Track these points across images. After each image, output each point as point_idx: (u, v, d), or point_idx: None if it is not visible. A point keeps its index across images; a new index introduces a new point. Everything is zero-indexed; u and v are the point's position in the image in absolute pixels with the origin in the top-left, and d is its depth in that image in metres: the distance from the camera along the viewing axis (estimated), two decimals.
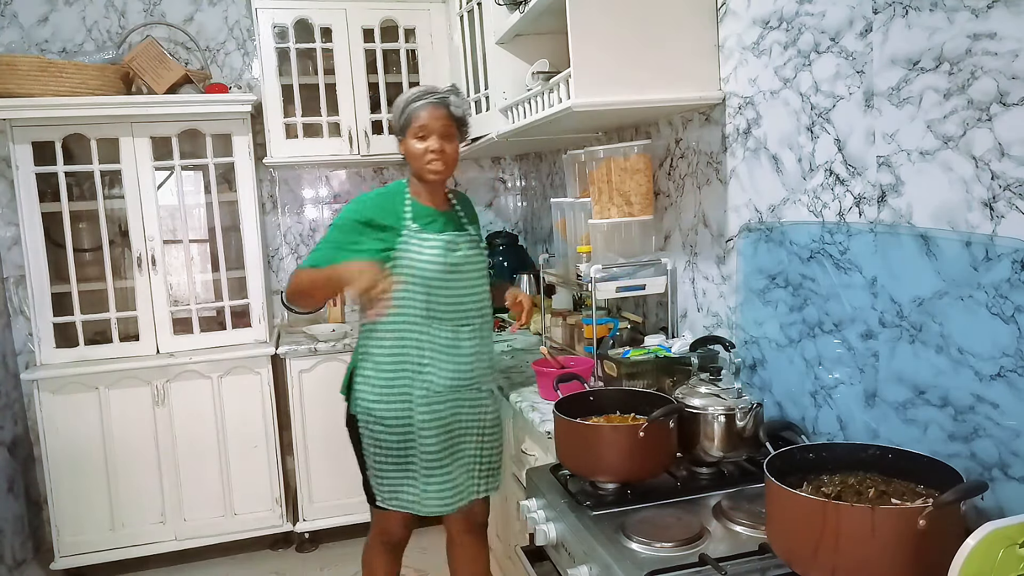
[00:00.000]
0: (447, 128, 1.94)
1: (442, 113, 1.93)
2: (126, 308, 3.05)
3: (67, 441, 2.90)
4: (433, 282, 1.94)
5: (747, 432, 1.49)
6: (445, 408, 1.98)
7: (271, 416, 3.09)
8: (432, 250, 1.94)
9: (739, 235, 1.79)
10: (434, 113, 1.93)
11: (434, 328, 1.96)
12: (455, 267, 1.96)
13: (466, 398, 2.02)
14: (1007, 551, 0.90)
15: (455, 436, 2.02)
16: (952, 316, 1.18)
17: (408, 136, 1.95)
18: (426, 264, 1.93)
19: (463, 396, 2.01)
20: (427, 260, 1.93)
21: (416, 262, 1.93)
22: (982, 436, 1.14)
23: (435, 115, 1.93)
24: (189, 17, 3.35)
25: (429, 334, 1.96)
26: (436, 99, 1.94)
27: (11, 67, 2.74)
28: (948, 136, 1.19)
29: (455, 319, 1.98)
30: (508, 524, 2.37)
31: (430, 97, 1.94)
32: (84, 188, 3.12)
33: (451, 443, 2.01)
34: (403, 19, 3.22)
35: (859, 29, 1.36)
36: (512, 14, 2.21)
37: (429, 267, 1.93)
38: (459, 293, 1.98)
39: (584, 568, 1.27)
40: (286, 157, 3.14)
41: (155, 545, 3.02)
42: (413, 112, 1.93)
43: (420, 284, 1.94)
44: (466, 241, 2.02)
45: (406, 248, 1.94)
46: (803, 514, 1.02)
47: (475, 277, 2.01)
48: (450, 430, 2.00)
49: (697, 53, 1.82)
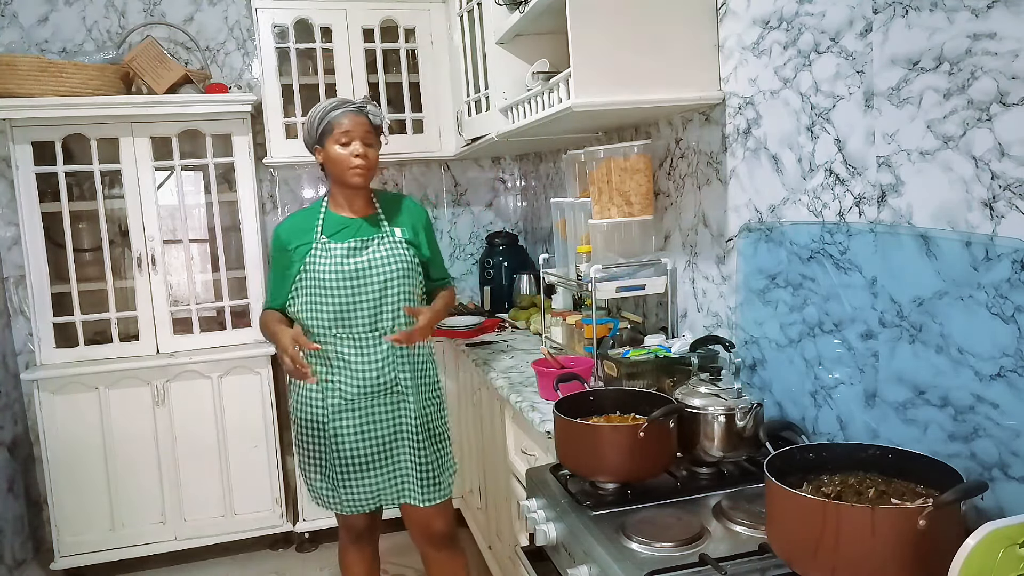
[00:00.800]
0: (368, 135, 1.99)
1: (363, 120, 1.99)
2: (126, 308, 3.05)
3: (67, 441, 2.90)
4: (335, 290, 1.98)
5: (747, 432, 1.49)
6: (360, 415, 2.02)
7: (271, 416, 3.09)
8: (331, 259, 1.98)
9: (739, 235, 1.79)
10: (355, 120, 1.98)
11: (339, 339, 2.00)
12: (358, 272, 1.98)
13: (384, 403, 2.03)
14: (1007, 551, 0.90)
15: (376, 442, 2.04)
16: (952, 316, 1.18)
17: (329, 143, 1.98)
18: (325, 273, 1.98)
19: (379, 402, 2.03)
20: (326, 269, 1.98)
21: (317, 272, 1.99)
22: (982, 436, 1.14)
23: (356, 121, 1.98)
24: (189, 17, 3.35)
25: (333, 345, 2.00)
26: (355, 108, 2.00)
27: (11, 67, 2.74)
28: (948, 136, 1.19)
29: (363, 325, 2.00)
30: (508, 524, 2.37)
31: (348, 106, 1.99)
32: (84, 188, 3.12)
33: (370, 449, 2.04)
34: (403, 19, 3.22)
35: (859, 29, 1.36)
36: (512, 14, 2.21)
37: (328, 275, 1.98)
38: (366, 298, 1.99)
39: (584, 568, 1.27)
40: (286, 157, 3.14)
41: (155, 545, 3.02)
42: (334, 119, 1.97)
43: (323, 293, 1.98)
44: (377, 245, 2.02)
45: (312, 260, 2.00)
46: (803, 514, 1.02)
47: (386, 279, 2.01)
48: (368, 437, 2.03)
49: (697, 53, 1.82)
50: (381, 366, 2.02)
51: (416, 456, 2.06)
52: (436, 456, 2.10)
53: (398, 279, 2.02)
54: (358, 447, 2.03)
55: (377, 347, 2.01)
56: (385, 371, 2.02)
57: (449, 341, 3.07)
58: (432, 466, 2.08)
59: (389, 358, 2.02)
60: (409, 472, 2.07)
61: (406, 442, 2.06)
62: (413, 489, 2.07)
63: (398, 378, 2.04)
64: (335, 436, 2.03)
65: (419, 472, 2.07)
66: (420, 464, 2.06)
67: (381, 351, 2.01)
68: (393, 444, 2.06)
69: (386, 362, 2.02)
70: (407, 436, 2.06)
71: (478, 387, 2.74)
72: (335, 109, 1.98)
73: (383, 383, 2.02)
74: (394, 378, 2.03)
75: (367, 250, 2.01)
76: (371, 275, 1.99)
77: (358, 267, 1.98)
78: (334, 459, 2.04)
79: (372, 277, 1.99)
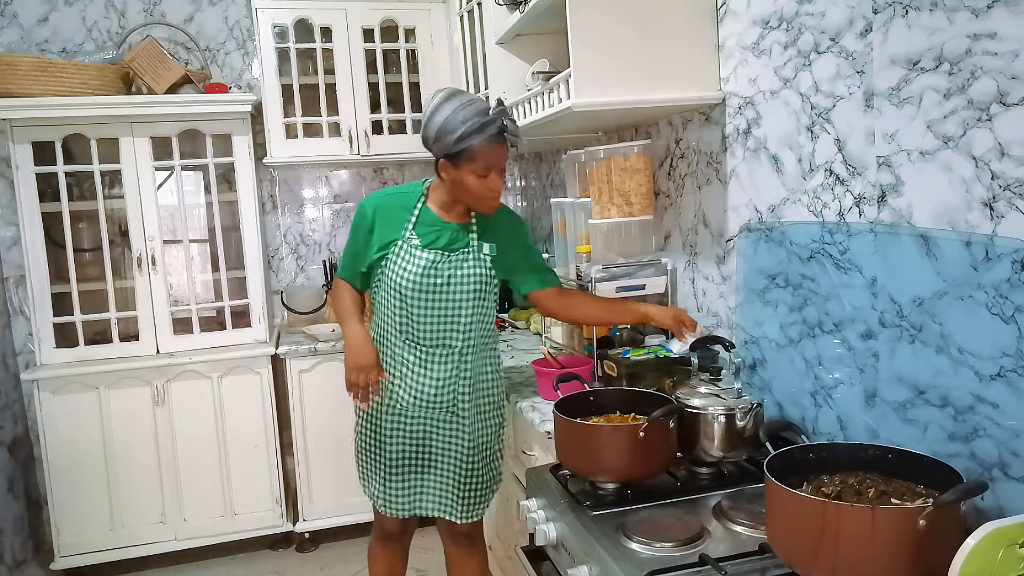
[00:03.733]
0: (506, 162, 1.82)
1: (505, 150, 1.78)
2: (126, 308, 3.05)
3: (67, 441, 2.90)
4: (407, 299, 1.88)
5: (747, 432, 1.49)
6: (413, 424, 1.95)
7: (271, 416, 3.09)
8: (414, 265, 1.87)
9: (739, 235, 1.79)
10: (500, 151, 1.76)
11: (405, 346, 1.92)
12: (436, 287, 1.87)
13: (438, 419, 1.94)
14: (1007, 551, 0.90)
15: (425, 452, 1.97)
16: (952, 316, 1.18)
17: (464, 169, 1.77)
18: (403, 279, 1.87)
19: (433, 416, 1.94)
20: (407, 276, 1.87)
21: (397, 276, 1.88)
22: (982, 436, 1.14)
23: (500, 153, 1.77)
24: (189, 17, 3.35)
25: (399, 351, 1.93)
26: (504, 136, 1.76)
27: (11, 67, 2.74)
28: (948, 136, 1.19)
29: (428, 340, 1.90)
30: (508, 524, 2.36)
31: (493, 129, 1.73)
32: (84, 188, 3.11)
33: (418, 457, 1.97)
34: (403, 19, 3.22)
35: (859, 29, 1.36)
36: (512, 14, 2.21)
37: (406, 283, 1.87)
38: (436, 314, 1.88)
39: (584, 568, 1.27)
40: (286, 157, 3.14)
41: (155, 545, 3.02)
42: (477, 147, 1.73)
43: (397, 297, 1.89)
44: (461, 261, 1.89)
45: (395, 258, 1.89)
46: (803, 514, 1.02)
47: (461, 299, 1.89)
48: (418, 444, 1.96)
49: (697, 53, 1.82)
50: (441, 384, 1.92)
51: (463, 474, 1.97)
52: (484, 475, 2.00)
53: (474, 298, 1.90)
54: (404, 450, 1.97)
55: (441, 364, 1.92)
56: (444, 390, 1.92)
57: None
58: (478, 485, 1.99)
59: (452, 377, 1.92)
60: (453, 488, 1.98)
61: (454, 459, 1.97)
62: (454, 504, 1.99)
63: (457, 399, 1.93)
64: (387, 435, 1.96)
65: (463, 490, 1.98)
66: (466, 482, 1.97)
67: (444, 369, 1.92)
68: (441, 458, 1.97)
69: (447, 381, 1.92)
70: (456, 454, 1.96)
71: None
72: (479, 133, 1.72)
73: (440, 401, 1.93)
74: (453, 399, 1.93)
75: (450, 263, 1.88)
76: (449, 291, 1.88)
77: (438, 281, 1.87)
78: (382, 456, 1.99)
79: (452, 294, 1.88)
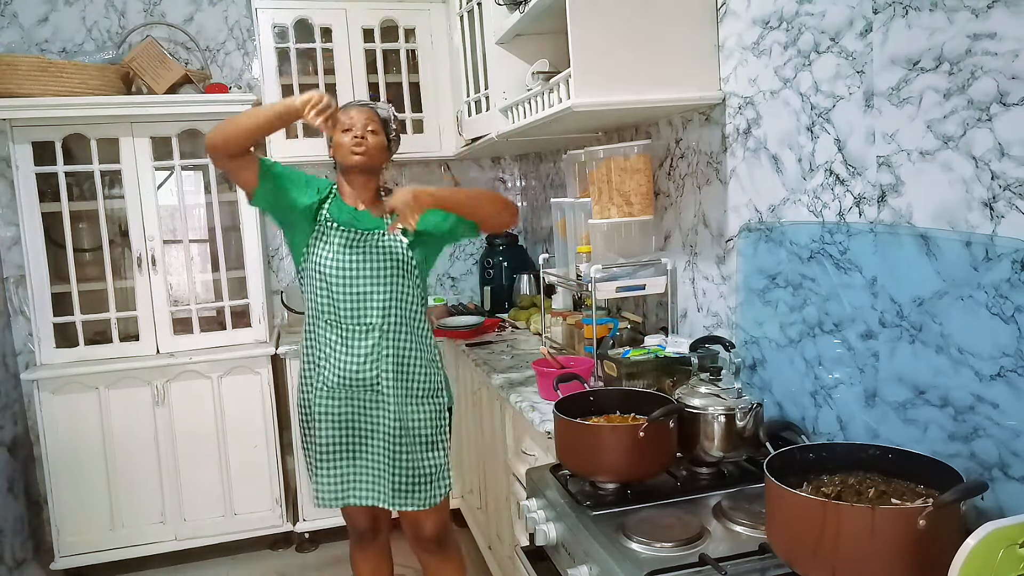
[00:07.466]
0: (372, 123, 2.04)
1: (367, 110, 2.06)
2: (126, 308, 3.05)
3: (67, 441, 2.90)
4: (328, 278, 1.99)
5: (747, 432, 1.49)
6: (341, 404, 2.03)
7: (271, 416, 3.09)
8: (330, 247, 1.99)
9: (739, 235, 1.79)
10: (360, 110, 2.05)
11: (328, 326, 2.02)
12: (351, 265, 1.98)
13: (363, 398, 2.02)
14: (1007, 551, 0.90)
15: (354, 434, 2.04)
16: (952, 316, 1.18)
17: (336, 135, 2.02)
18: (324, 260, 1.99)
19: (360, 396, 2.02)
20: (326, 256, 1.99)
21: (318, 257, 2.00)
22: (982, 436, 1.14)
23: (361, 111, 2.05)
24: (189, 17, 3.35)
25: (322, 331, 2.04)
26: (362, 103, 2.10)
27: (11, 67, 2.74)
28: (948, 136, 1.19)
29: (348, 318, 2.00)
30: (508, 524, 2.37)
31: (358, 102, 2.12)
32: (84, 188, 3.12)
33: (347, 441, 2.04)
34: (403, 19, 3.22)
35: (859, 29, 1.36)
36: (512, 14, 2.21)
37: (326, 263, 1.99)
38: (355, 292, 1.99)
39: (584, 568, 1.27)
40: (286, 157, 3.13)
41: (155, 545, 3.02)
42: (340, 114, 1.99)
43: (317, 278, 2.01)
44: (376, 241, 2.00)
45: (315, 242, 2.02)
46: (803, 514, 1.02)
47: (376, 276, 1.99)
48: (346, 427, 2.04)
49: (697, 53, 1.82)
50: (363, 360, 2.00)
51: (393, 459, 2.02)
52: (421, 464, 2.04)
53: (391, 275, 2.01)
54: (333, 434, 2.03)
55: (361, 342, 2.00)
56: (366, 366, 2.00)
57: (449, 341, 3.07)
58: (409, 471, 2.02)
59: (372, 354, 2.00)
60: (381, 473, 2.03)
61: (380, 442, 2.02)
62: (384, 491, 2.03)
63: (380, 375, 2.01)
64: (316, 419, 2.04)
65: (392, 475, 2.02)
66: (397, 469, 2.02)
67: (365, 346, 2.00)
68: (369, 440, 2.04)
69: (368, 357, 2.00)
70: (384, 437, 2.02)
71: (478, 387, 2.74)
72: (344, 106, 2.06)
73: (363, 379, 2.00)
74: (376, 375, 2.00)
75: (364, 244, 2.00)
76: (365, 269, 1.99)
77: (354, 258, 1.99)
78: (314, 443, 2.06)
79: (365, 271, 1.99)
